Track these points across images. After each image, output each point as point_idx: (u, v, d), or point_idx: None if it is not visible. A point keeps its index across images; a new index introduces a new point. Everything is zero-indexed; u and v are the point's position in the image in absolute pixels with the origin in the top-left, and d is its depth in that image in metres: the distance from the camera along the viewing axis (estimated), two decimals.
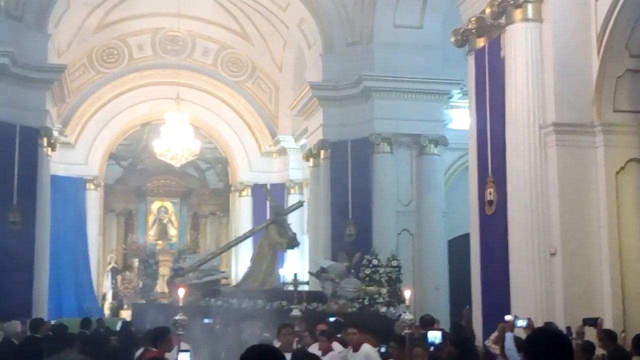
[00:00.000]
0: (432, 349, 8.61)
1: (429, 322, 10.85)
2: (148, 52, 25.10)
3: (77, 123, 24.88)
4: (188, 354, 6.59)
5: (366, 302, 14.82)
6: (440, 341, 8.67)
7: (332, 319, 11.70)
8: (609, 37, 10.63)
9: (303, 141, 23.00)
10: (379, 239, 17.84)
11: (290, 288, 13.93)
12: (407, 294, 7.24)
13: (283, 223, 16.48)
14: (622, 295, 10.54)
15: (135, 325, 14.67)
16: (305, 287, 15.24)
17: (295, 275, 13.56)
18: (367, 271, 15.14)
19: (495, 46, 11.78)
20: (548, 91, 10.96)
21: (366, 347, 8.56)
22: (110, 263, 26.85)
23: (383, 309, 14.70)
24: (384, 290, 15.13)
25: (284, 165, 25.73)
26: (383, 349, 8.81)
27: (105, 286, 26.14)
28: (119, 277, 26.74)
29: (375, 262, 15.17)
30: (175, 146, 22.09)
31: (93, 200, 25.17)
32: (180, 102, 22.43)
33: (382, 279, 15.39)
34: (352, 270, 15.49)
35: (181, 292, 6.90)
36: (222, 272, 19.88)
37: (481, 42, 12.27)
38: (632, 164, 10.87)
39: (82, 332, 12.73)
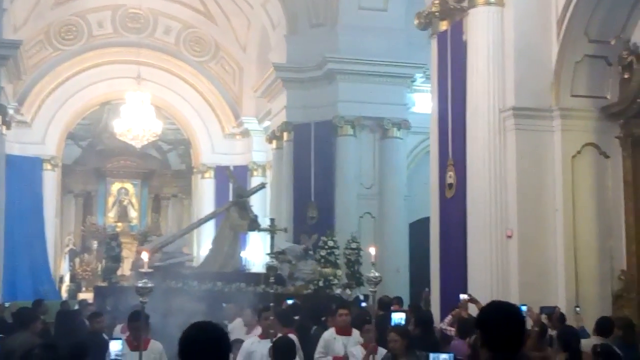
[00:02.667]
0: None
1: (386, 304, 10.93)
2: (108, 30, 24.61)
3: (34, 101, 24.30)
4: (120, 341, 6.52)
5: (321, 283, 14.82)
6: (404, 323, 8.69)
7: (290, 302, 11.66)
8: (568, 23, 10.73)
9: (267, 123, 22.89)
10: (341, 221, 17.88)
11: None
12: (372, 250, 7.15)
13: (244, 205, 16.39)
14: (575, 278, 10.73)
15: (96, 308, 14.49)
16: (283, 233, 15.15)
17: (273, 220, 13.33)
18: (323, 253, 15.13)
19: (458, 30, 11.82)
20: (508, 75, 11.05)
21: (357, 332, 8.27)
22: (68, 245, 26.48)
23: (338, 291, 14.73)
24: (339, 272, 15.13)
25: (247, 147, 25.59)
26: None
27: (62, 268, 25.77)
28: (77, 260, 26.39)
29: (331, 243, 15.17)
30: (136, 126, 21.80)
31: (50, 181, 24.64)
32: (141, 82, 22.10)
33: (338, 261, 15.39)
34: (310, 252, 15.50)
35: (145, 256, 6.55)
36: (187, 254, 19.75)
37: (444, 26, 12.29)
38: (588, 148, 11.03)
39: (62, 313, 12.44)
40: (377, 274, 6.92)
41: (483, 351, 3.41)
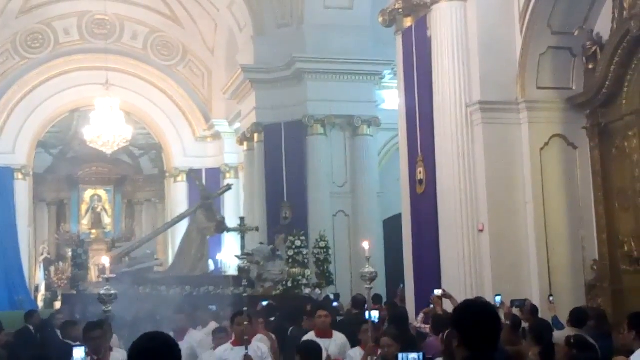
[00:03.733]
0: None
1: (360, 302, 10.89)
2: (75, 37, 24.43)
3: (3, 111, 24.11)
4: (82, 348, 6.36)
5: (289, 284, 14.77)
6: (378, 320, 8.65)
7: (264, 303, 11.60)
8: (531, 15, 10.77)
9: (237, 125, 22.80)
10: (314, 220, 17.86)
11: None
12: (365, 245, 6.92)
13: (211, 207, 16.30)
14: (548, 269, 10.78)
15: (66, 316, 14.34)
16: (257, 235, 15.02)
17: (242, 219, 13.16)
18: (290, 253, 15.09)
19: (422, 26, 11.83)
20: (473, 70, 11.07)
21: (339, 334, 7.93)
22: (42, 254, 26.24)
23: (307, 291, 14.70)
24: (308, 272, 15.10)
25: (218, 150, 25.48)
26: None
27: (38, 277, 25.53)
28: (52, 268, 26.13)
29: (298, 243, 15.13)
30: (106, 133, 21.61)
31: (22, 190, 24.48)
32: (109, 88, 21.91)
33: (306, 261, 15.34)
34: (278, 253, 15.46)
35: (105, 260, 6.34)
36: (156, 259, 19.62)
37: (408, 22, 12.30)
38: (556, 140, 11.08)
39: (26, 326, 12.22)
40: (372, 270, 6.67)
41: (460, 350, 3.37)
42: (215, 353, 7.38)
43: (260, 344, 7.49)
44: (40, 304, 24.17)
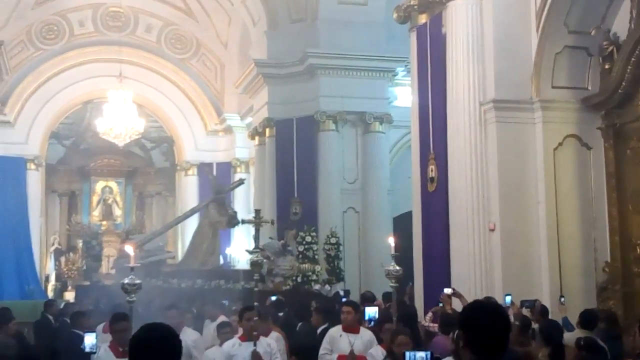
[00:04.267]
0: (371, 324, 8.58)
1: (369, 299, 10.88)
2: (89, 29, 24.48)
3: (17, 101, 24.18)
4: (94, 334, 6.35)
5: (299, 279, 14.73)
6: (377, 316, 8.60)
7: (273, 298, 11.59)
8: (547, 14, 10.68)
9: (249, 119, 22.80)
10: (324, 217, 17.82)
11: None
12: (390, 241, 6.75)
13: (223, 201, 16.30)
14: (559, 270, 10.69)
15: (78, 307, 14.45)
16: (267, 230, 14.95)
17: (258, 211, 13.13)
18: (301, 248, 15.05)
19: (437, 23, 11.76)
20: (488, 68, 10.99)
21: (367, 331, 7.74)
22: (53, 244, 26.38)
23: (317, 287, 14.65)
24: (318, 268, 15.07)
25: (230, 144, 25.49)
26: None
27: (48, 268, 25.68)
28: (63, 259, 26.27)
29: (308, 239, 15.09)
30: (118, 125, 21.68)
31: (34, 181, 24.56)
32: (123, 80, 22.00)
33: (316, 256, 15.31)
34: (289, 248, 15.43)
35: (129, 249, 6.02)
36: (168, 252, 19.69)
37: (423, 19, 12.22)
38: (570, 140, 10.99)
39: (45, 316, 12.28)
40: (397, 267, 6.43)
41: (466, 352, 3.26)
42: (223, 348, 7.20)
43: (270, 340, 7.31)
44: (50, 294, 24.30)
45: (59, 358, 7.12)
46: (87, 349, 6.42)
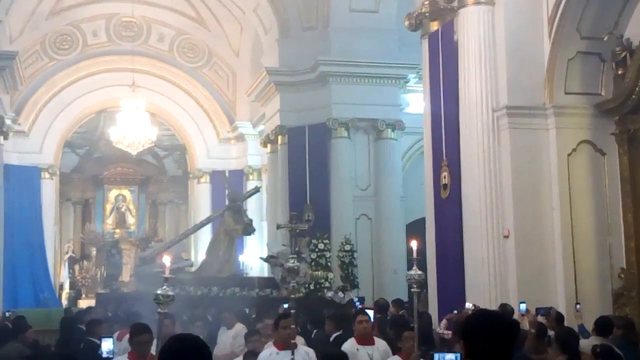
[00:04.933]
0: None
1: (383, 307, 10.87)
2: (102, 39, 24.67)
3: (31, 111, 24.39)
4: (111, 339, 6.37)
5: (312, 287, 14.72)
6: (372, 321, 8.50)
7: (285, 306, 11.56)
8: (559, 20, 10.66)
9: (261, 127, 22.86)
10: (337, 224, 17.82)
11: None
12: (413, 244, 6.37)
13: (239, 209, 16.37)
14: (574, 277, 10.65)
15: (98, 315, 14.54)
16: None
17: (294, 215, 12.81)
18: (313, 255, 15.05)
19: (449, 30, 11.76)
20: (500, 74, 10.98)
21: (381, 341, 7.37)
22: (67, 252, 26.52)
23: (329, 294, 14.62)
24: (331, 275, 15.05)
25: (242, 152, 25.57)
26: None
27: (62, 276, 25.81)
28: (77, 267, 26.39)
29: (321, 246, 15.07)
30: (131, 133, 21.77)
31: (48, 190, 24.73)
32: (136, 89, 22.09)
33: (330, 264, 15.28)
34: (303, 255, 15.44)
35: (167, 260, 5.57)
36: (187, 259, 19.74)
37: (435, 26, 12.23)
38: (584, 146, 10.96)
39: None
40: (419, 272, 6.14)
41: None
42: (260, 358, 6.83)
43: (309, 349, 6.98)
44: (64, 302, 24.42)
45: None
46: (105, 355, 6.46)
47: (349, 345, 7.16)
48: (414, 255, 6.28)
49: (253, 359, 6.94)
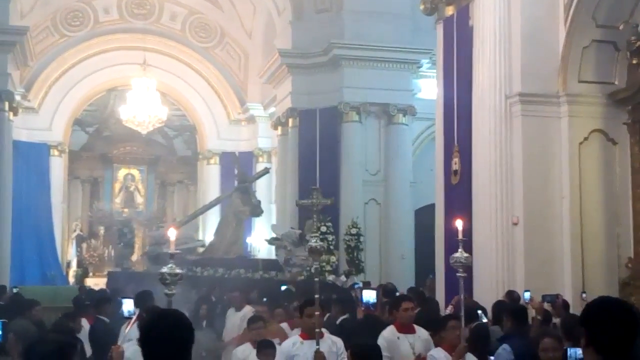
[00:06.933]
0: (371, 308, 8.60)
1: (391, 291, 10.88)
2: (114, 16, 24.59)
3: (41, 87, 24.36)
4: (132, 300, 6.34)
5: (313, 270, 14.68)
6: (375, 301, 8.52)
7: (283, 288, 11.53)
8: (575, 7, 10.57)
9: (272, 109, 22.83)
10: (346, 208, 17.83)
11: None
12: (458, 224, 5.82)
13: (247, 190, 16.37)
14: (582, 265, 10.63)
15: (110, 293, 14.62)
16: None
17: (314, 190, 12.62)
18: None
19: (464, 15, 11.70)
20: (514, 61, 10.91)
21: (422, 329, 6.81)
22: (75, 230, 26.59)
23: (330, 277, 14.53)
24: (334, 259, 14.99)
25: (252, 134, 25.55)
26: None
27: (70, 254, 25.89)
28: (84, 245, 26.48)
29: (324, 229, 14.95)
30: (141, 113, 21.82)
31: (57, 167, 24.77)
32: (147, 68, 22.12)
33: (332, 247, 15.20)
34: (307, 238, 15.45)
35: (172, 233, 4.88)
36: (198, 240, 19.79)
37: (450, 11, 12.17)
38: (596, 135, 10.90)
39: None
40: (466, 254, 5.76)
41: (588, 352, 3.09)
42: (282, 348, 6.41)
43: (336, 339, 6.43)
44: (71, 279, 24.54)
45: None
46: (126, 315, 6.47)
47: (389, 333, 6.70)
48: (459, 236, 5.87)
49: (270, 351, 6.47)
